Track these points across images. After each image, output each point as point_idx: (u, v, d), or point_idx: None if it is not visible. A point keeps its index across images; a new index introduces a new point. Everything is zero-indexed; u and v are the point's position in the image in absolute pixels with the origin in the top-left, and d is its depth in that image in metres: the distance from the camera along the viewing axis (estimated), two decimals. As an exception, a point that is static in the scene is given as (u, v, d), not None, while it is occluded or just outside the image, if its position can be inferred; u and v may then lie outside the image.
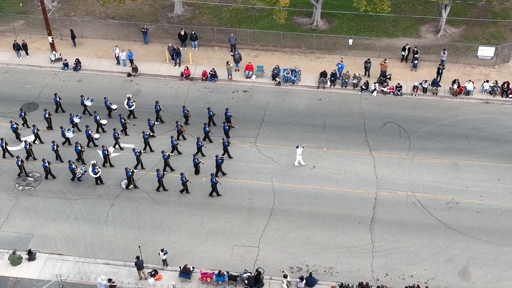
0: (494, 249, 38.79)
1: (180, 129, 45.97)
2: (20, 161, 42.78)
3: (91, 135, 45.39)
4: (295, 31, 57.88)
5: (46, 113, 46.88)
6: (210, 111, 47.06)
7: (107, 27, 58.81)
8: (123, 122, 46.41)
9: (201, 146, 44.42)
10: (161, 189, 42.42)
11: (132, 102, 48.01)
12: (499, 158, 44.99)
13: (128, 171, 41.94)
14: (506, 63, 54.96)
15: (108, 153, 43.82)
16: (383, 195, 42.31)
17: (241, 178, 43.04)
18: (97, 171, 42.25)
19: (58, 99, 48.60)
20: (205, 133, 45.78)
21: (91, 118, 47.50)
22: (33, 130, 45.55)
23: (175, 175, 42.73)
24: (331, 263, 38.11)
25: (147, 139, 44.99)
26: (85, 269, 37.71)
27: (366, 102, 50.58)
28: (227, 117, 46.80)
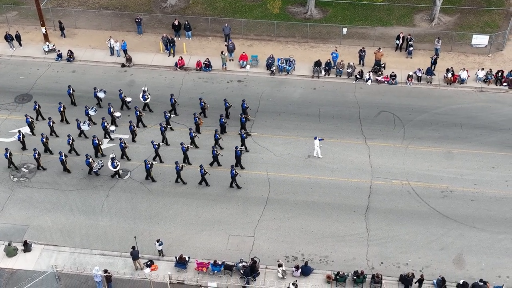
0: (489, 236, 38.98)
1: (197, 121, 45.69)
2: (8, 154, 42.63)
3: (107, 128, 45.19)
4: (289, 20, 57.77)
5: (61, 106, 46.58)
6: (226, 103, 46.77)
7: (101, 18, 58.58)
8: (138, 115, 46.13)
9: (218, 138, 44.27)
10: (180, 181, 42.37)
11: (147, 95, 47.67)
12: (493, 146, 45.13)
13: (147, 164, 41.78)
14: (500, 51, 55.01)
15: (125, 145, 43.48)
16: (378, 184, 42.42)
17: (236, 168, 42.99)
18: (116, 165, 42.03)
19: (72, 91, 48.24)
20: (221, 125, 45.53)
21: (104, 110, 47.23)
22: (49, 123, 45.28)
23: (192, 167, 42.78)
24: (327, 252, 38.25)
25: (164, 132, 44.75)
26: (81, 260, 37.76)
27: (361, 91, 50.59)
28: (243, 108, 46.59)
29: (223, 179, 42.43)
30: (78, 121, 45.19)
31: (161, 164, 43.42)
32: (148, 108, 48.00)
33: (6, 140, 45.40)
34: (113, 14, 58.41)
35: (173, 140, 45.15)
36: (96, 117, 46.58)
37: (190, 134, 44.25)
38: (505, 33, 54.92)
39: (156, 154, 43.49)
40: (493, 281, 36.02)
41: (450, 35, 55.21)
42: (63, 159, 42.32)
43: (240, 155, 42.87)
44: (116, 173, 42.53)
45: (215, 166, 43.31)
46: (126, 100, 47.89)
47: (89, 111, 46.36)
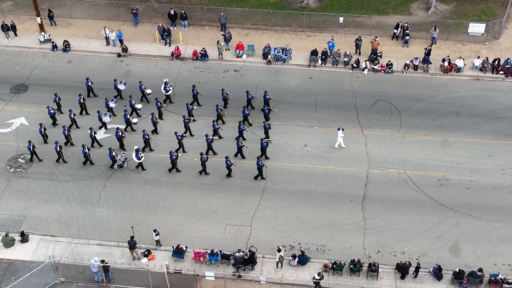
0: (485, 225, 39.11)
1: (220, 112, 45.56)
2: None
3: (130, 120, 45.04)
4: (286, 9, 57.60)
5: (81, 98, 46.38)
6: (248, 95, 46.59)
7: (96, 7, 58.34)
8: (159, 106, 45.97)
9: (242, 129, 44.16)
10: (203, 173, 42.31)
11: (169, 86, 47.50)
12: (490, 135, 45.19)
13: (173, 155, 41.68)
14: (496, 39, 54.96)
15: (149, 137, 43.51)
16: (374, 172, 42.48)
17: (233, 158, 43.02)
18: (141, 156, 41.97)
19: (90, 83, 48.01)
20: (244, 116, 45.39)
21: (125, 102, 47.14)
22: (70, 115, 45.05)
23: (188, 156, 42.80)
24: (323, 241, 38.35)
25: (188, 123, 44.63)
26: (78, 250, 37.80)
27: (357, 80, 50.56)
28: (265, 100, 46.48)
29: (219, 168, 42.43)
30: (100, 113, 45.02)
31: (157, 154, 43.36)
32: (169, 100, 47.85)
33: (2, 131, 45.31)
34: (108, 3, 58.17)
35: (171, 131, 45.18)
36: (118, 109, 46.40)
37: (213, 126, 44.06)
38: (502, 21, 54.86)
39: (180, 145, 43.40)
40: (489, 269, 36.20)
41: (446, 23, 55.13)
42: (86, 151, 42.21)
43: (266, 147, 42.82)
44: (140, 165, 42.44)
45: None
46: (146, 92, 47.70)
47: (109, 103, 46.19)
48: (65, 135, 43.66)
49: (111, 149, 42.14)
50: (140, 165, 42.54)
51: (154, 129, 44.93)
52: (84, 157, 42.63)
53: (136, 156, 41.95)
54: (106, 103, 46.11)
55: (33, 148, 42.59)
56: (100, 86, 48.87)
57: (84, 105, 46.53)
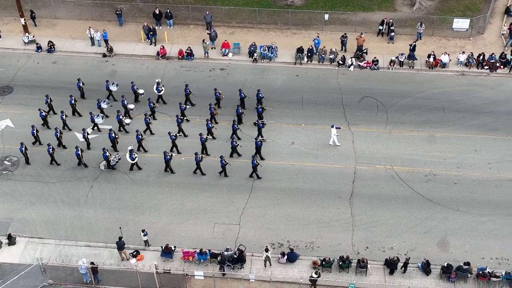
0: (472, 219, 39.32)
1: (213, 111, 45.42)
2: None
3: (122, 120, 44.82)
4: (271, 7, 57.60)
5: (72, 99, 45.99)
6: (241, 93, 46.52)
7: (81, 8, 58.02)
8: (152, 107, 45.76)
9: (236, 128, 44.04)
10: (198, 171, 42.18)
11: (161, 86, 47.33)
12: (475, 130, 45.43)
13: (167, 155, 41.51)
14: (481, 34, 55.26)
15: (142, 138, 43.22)
16: (362, 169, 42.58)
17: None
18: (135, 157, 41.78)
19: (82, 84, 47.68)
20: (238, 115, 45.28)
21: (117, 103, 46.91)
22: (61, 117, 44.74)
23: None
24: (312, 238, 38.39)
25: (180, 123, 44.48)
26: (66, 251, 37.60)
27: (343, 77, 50.66)
28: (258, 98, 46.41)
29: (209, 167, 42.35)
30: (92, 114, 44.75)
31: (146, 154, 43.21)
32: (162, 100, 47.66)
33: None
34: (93, 4, 57.88)
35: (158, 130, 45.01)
36: (111, 110, 46.20)
37: (207, 125, 43.95)
38: (486, 16, 55.16)
39: (173, 145, 43.25)
40: (477, 263, 36.38)
41: (431, 19, 55.34)
42: (79, 153, 41.98)
43: (260, 146, 42.76)
44: (135, 165, 42.25)
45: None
46: (138, 93, 47.48)
47: (101, 104, 45.92)
48: (57, 137, 43.39)
49: (105, 149, 41.93)
50: (135, 165, 42.32)
51: (146, 129, 44.74)
52: (78, 158, 42.37)
53: (130, 156, 41.77)
54: (98, 104, 45.85)
55: (25, 150, 42.31)
56: (86, 86, 48.51)
57: (75, 106, 46.25)
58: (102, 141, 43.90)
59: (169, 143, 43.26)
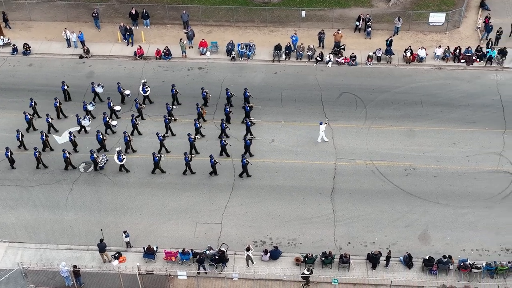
0: (452, 211, 39.64)
1: (200, 111, 45.23)
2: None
3: (109, 122, 44.43)
4: (248, 5, 57.52)
5: (57, 102, 45.53)
6: (228, 92, 46.34)
7: (56, 9, 57.48)
8: (139, 107, 45.46)
9: (225, 127, 43.95)
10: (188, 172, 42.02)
11: (147, 87, 47.04)
12: (454, 123, 45.80)
13: (156, 156, 41.24)
14: (457, 28, 55.69)
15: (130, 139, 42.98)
16: (342, 165, 42.73)
17: (201, 156, 42.86)
18: (123, 158, 41.47)
19: (66, 87, 47.22)
20: (226, 114, 45.13)
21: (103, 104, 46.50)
22: (47, 120, 44.30)
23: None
24: (294, 234, 38.46)
25: (169, 124, 44.26)
26: (47, 255, 37.29)
27: (322, 74, 50.77)
28: (246, 97, 46.27)
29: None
30: (78, 117, 44.35)
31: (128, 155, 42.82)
32: (148, 100, 47.38)
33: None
34: (68, 5, 57.37)
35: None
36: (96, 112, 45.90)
37: (195, 125, 43.78)
38: (461, 10, 55.60)
39: (161, 146, 43.04)
40: (458, 255, 36.69)
41: (407, 14, 55.64)
42: (66, 156, 41.61)
43: (249, 144, 42.67)
44: (122, 167, 42.01)
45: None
46: (124, 93, 47.17)
47: (87, 106, 45.53)
48: (43, 141, 42.99)
49: (92, 151, 41.61)
50: (123, 167, 42.07)
51: (133, 130, 44.51)
52: (65, 161, 42.01)
53: (118, 158, 41.50)
54: (84, 106, 45.49)
55: (11, 154, 41.88)
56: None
57: (60, 108, 45.84)
58: (89, 143, 43.52)
59: (153, 144, 43.09)
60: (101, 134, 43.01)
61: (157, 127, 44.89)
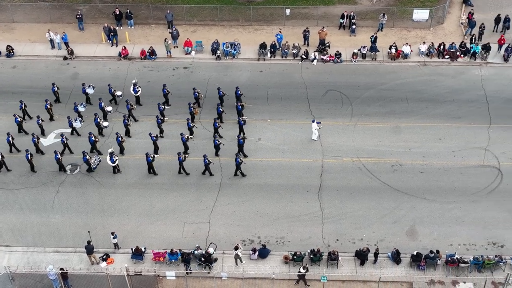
0: (439, 207, 39.83)
1: (192, 111, 45.07)
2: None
3: (100, 124, 44.18)
4: (232, 4, 57.43)
5: (47, 104, 45.18)
6: (220, 91, 46.22)
7: (39, 10, 57.09)
8: (130, 108, 45.24)
9: (218, 127, 43.86)
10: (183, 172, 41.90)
11: (138, 87, 46.81)
12: (439, 118, 46.02)
13: (149, 157, 41.06)
14: (440, 24, 55.95)
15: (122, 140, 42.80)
16: (329, 162, 42.80)
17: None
18: (115, 159, 41.24)
19: (56, 89, 46.87)
20: (219, 114, 45.08)
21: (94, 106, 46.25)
22: (38, 121, 43.93)
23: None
24: (282, 233, 38.47)
25: (161, 124, 44.12)
26: (35, 258, 37.05)
27: (307, 71, 50.82)
28: (237, 96, 46.18)
29: (174, 167, 42.12)
30: (70, 119, 44.06)
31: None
32: (138, 101, 47.19)
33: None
34: (51, 6, 56.99)
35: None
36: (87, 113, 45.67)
37: (188, 125, 43.67)
38: (445, 6, 55.85)
39: (155, 146, 42.85)
40: (445, 250, 36.87)
41: (391, 11, 55.82)
42: (58, 157, 41.32)
43: (243, 143, 42.62)
44: (115, 168, 41.77)
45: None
46: (116, 94, 46.91)
47: (78, 107, 45.25)
48: (34, 143, 42.68)
49: (85, 153, 41.38)
50: (116, 168, 41.86)
51: (126, 131, 44.34)
52: (57, 163, 41.76)
53: (110, 159, 41.29)
54: (75, 108, 45.23)
55: (1, 157, 41.57)
56: (48, 90, 47.83)
57: (51, 110, 45.53)
58: (82, 144, 43.31)
59: (139, 144, 42.96)
60: (93, 135, 42.81)
61: (143, 127, 44.66)
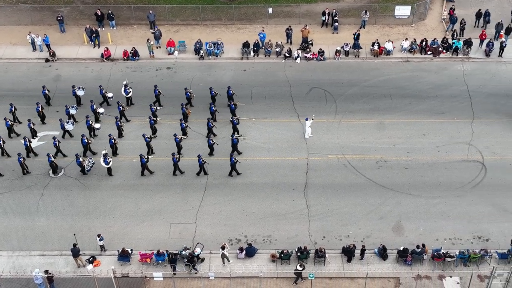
0: (424, 202, 40.02)
1: (185, 111, 44.91)
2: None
3: (92, 126, 43.90)
4: (214, 3, 57.36)
5: (39, 106, 44.81)
6: (212, 91, 46.15)
7: (19, 13, 56.65)
8: (121, 110, 44.98)
9: (212, 126, 43.78)
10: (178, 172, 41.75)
11: (129, 88, 46.57)
12: (423, 114, 46.24)
13: (143, 158, 40.88)
14: (422, 20, 56.24)
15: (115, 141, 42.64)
16: (314, 160, 42.86)
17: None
18: (109, 161, 41.01)
19: (47, 92, 46.48)
20: (212, 113, 44.99)
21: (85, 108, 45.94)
22: (29, 125, 43.58)
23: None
24: (269, 231, 38.47)
25: (154, 125, 43.98)
26: (20, 262, 36.75)
27: (291, 70, 50.87)
28: (229, 95, 46.10)
29: (159, 168, 42.00)
30: (62, 121, 43.78)
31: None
32: (130, 102, 46.96)
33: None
34: (32, 8, 56.59)
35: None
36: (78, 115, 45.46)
37: (181, 125, 43.55)
38: (426, 2, 56.16)
39: (148, 147, 42.69)
40: (431, 245, 37.04)
41: (373, 8, 56.03)
42: (52, 160, 41.10)
43: (237, 143, 42.56)
44: (109, 169, 41.62)
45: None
46: (107, 96, 46.63)
47: (70, 110, 44.97)
48: (26, 147, 42.35)
49: (78, 155, 41.14)
50: (109, 171, 41.67)
51: (119, 132, 44.14)
52: (50, 166, 41.52)
53: (104, 161, 41.07)
54: (67, 110, 44.96)
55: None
56: (30, 93, 47.58)
57: (42, 113, 45.21)
58: (74, 147, 43.12)
59: (126, 145, 42.77)
60: (85, 138, 42.61)
61: (131, 128, 44.48)
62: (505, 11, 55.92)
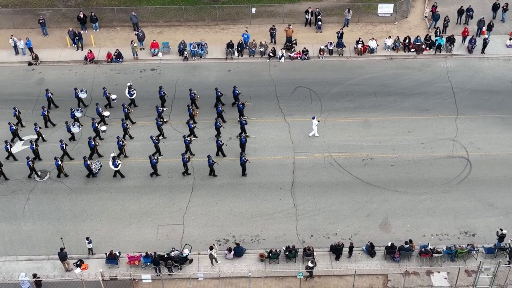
0: (411, 198, 40.24)
1: (192, 112, 44.79)
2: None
3: (98, 128, 43.68)
4: (197, 4, 57.27)
5: (45, 110, 44.56)
6: (218, 92, 46.04)
7: (1, 16, 56.16)
8: (127, 112, 44.80)
9: (220, 126, 43.72)
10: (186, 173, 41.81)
11: (133, 90, 46.38)
12: (407, 111, 46.48)
13: (153, 159, 40.69)
14: (405, 18, 56.54)
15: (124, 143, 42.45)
16: (300, 159, 42.94)
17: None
18: (118, 164, 40.78)
19: (50, 95, 46.20)
20: (219, 113, 44.91)
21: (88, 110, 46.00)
22: (35, 129, 43.29)
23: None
24: (257, 231, 38.48)
25: (161, 126, 43.84)
26: (7, 267, 36.49)
27: (275, 69, 50.93)
28: (235, 95, 46.01)
29: (145, 170, 41.86)
30: (68, 124, 43.53)
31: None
32: (134, 104, 46.80)
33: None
34: (13, 11, 56.17)
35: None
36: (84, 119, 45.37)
37: (189, 126, 43.49)
38: (409, 0, 56.42)
39: (157, 148, 42.55)
40: (418, 241, 37.24)
41: (356, 6, 56.22)
42: (59, 164, 40.82)
43: (245, 143, 42.54)
44: (117, 172, 41.38)
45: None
46: (111, 98, 46.40)
47: (75, 113, 44.73)
48: (33, 150, 42.08)
49: (85, 158, 40.93)
50: (118, 173, 41.47)
51: (124, 134, 43.96)
52: (57, 169, 41.29)
53: (113, 163, 40.85)
54: (72, 113, 44.73)
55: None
56: (13, 97, 47.24)
57: (48, 117, 44.99)
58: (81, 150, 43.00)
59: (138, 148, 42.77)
60: (93, 140, 42.43)
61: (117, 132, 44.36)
62: (486, 7, 56.33)
